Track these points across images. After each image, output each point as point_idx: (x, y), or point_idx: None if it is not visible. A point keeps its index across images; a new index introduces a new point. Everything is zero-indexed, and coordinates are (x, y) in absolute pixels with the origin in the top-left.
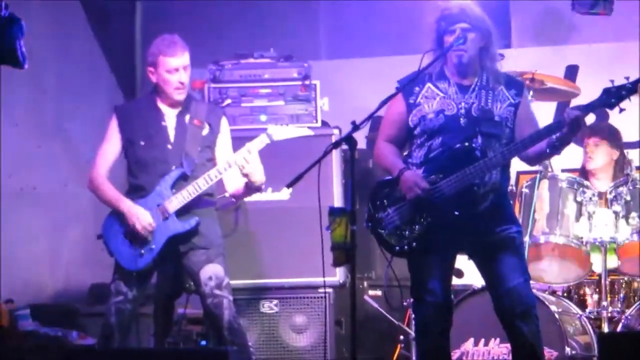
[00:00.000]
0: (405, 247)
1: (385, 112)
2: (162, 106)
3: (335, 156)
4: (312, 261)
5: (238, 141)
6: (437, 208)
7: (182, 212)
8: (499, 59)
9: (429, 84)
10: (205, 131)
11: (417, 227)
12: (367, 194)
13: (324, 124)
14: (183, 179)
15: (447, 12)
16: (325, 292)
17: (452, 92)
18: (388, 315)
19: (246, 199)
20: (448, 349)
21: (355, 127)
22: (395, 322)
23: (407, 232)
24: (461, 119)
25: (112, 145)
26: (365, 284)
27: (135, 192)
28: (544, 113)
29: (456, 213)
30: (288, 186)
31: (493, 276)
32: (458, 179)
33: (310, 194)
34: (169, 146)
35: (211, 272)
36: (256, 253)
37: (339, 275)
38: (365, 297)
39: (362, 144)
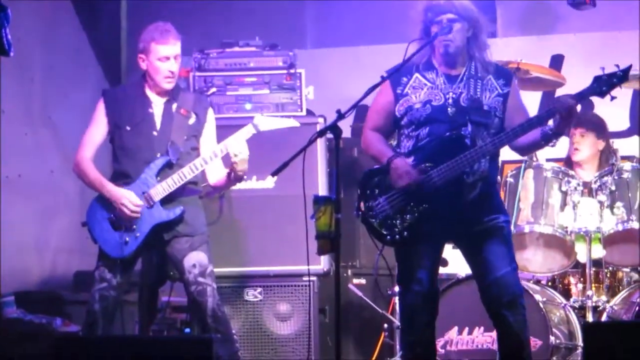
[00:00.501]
0: (397, 236)
1: (372, 101)
2: (150, 93)
3: (320, 145)
4: (296, 249)
5: (223, 129)
6: (428, 197)
7: (167, 200)
8: (488, 48)
9: (416, 74)
10: (192, 120)
11: (408, 216)
12: (353, 182)
13: (309, 112)
14: (168, 167)
15: (434, 3)
16: (309, 281)
17: (440, 82)
18: (372, 304)
19: (231, 187)
20: (433, 339)
21: (340, 115)
22: (379, 311)
23: (398, 222)
24: (449, 109)
25: (98, 129)
26: (350, 272)
27: (120, 178)
28: (529, 102)
29: (446, 201)
30: (273, 174)
31: (480, 265)
32: (449, 167)
33: (294, 183)
34: (155, 133)
35: (195, 259)
36: (240, 241)
37: (323, 263)
38: (350, 285)
39: (347, 132)
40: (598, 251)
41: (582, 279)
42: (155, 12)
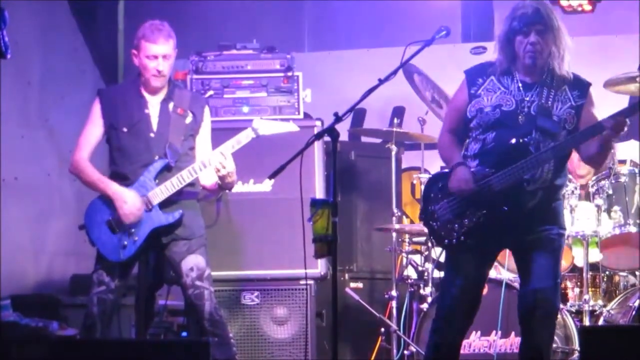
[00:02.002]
0: (454, 240)
1: (450, 99)
2: (145, 93)
3: (318, 148)
4: (293, 253)
5: (220, 132)
6: (486, 202)
7: (166, 203)
8: (566, 59)
9: (492, 77)
10: (189, 119)
11: (466, 221)
12: (350, 185)
13: (306, 115)
14: (167, 170)
15: (522, 12)
16: (306, 284)
17: (515, 88)
18: (369, 308)
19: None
20: (460, 345)
21: (338, 118)
22: (376, 315)
23: (456, 226)
24: (519, 116)
25: (95, 129)
26: (347, 276)
27: (118, 180)
28: None
29: (505, 209)
30: (270, 177)
31: (524, 273)
32: (508, 173)
33: (292, 186)
34: (152, 135)
35: (192, 263)
36: (237, 244)
37: (320, 267)
38: (347, 289)
39: (344, 136)
40: (595, 255)
41: (579, 283)
42: (153, 14)
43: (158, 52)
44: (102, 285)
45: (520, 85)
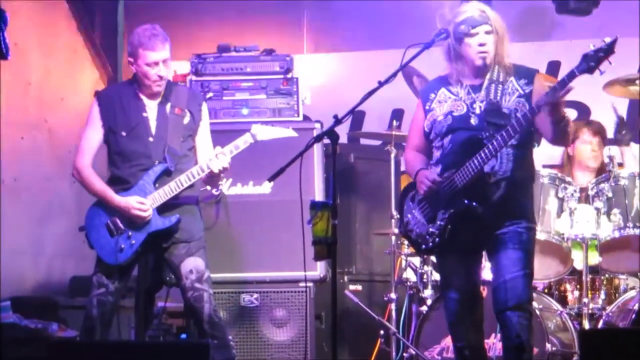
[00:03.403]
0: (430, 244)
1: (410, 122)
2: (143, 96)
3: (317, 150)
4: (293, 255)
5: (220, 134)
6: (454, 202)
7: (164, 208)
8: (509, 52)
9: (442, 89)
10: (187, 119)
11: (439, 223)
12: (349, 188)
13: (306, 118)
14: (166, 174)
15: (468, 15)
16: (306, 287)
17: (464, 93)
18: (368, 310)
19: (227, 193)
20: (481, 343)
21: (337, 121)
22: (376, 317)
23: (430, 230)
24: (471, 118)
25: (95, 133)
26: (346, 278)
27: (117, 183)
28: None
29: (475, 204)
30: (269, 180)
31: (495, 268)
32: (467, 168)
33: (291, 188)
34: (151, 139)
35: (192, 265)
36: (237, 246)
37: (319, 269)
38: (346, 291)
39: (343, 138)
40: (594, 258)
41: (578, 286)
42: (152, 14)
43: (158, 59)
44: (102, 287)
45: (469, 89)
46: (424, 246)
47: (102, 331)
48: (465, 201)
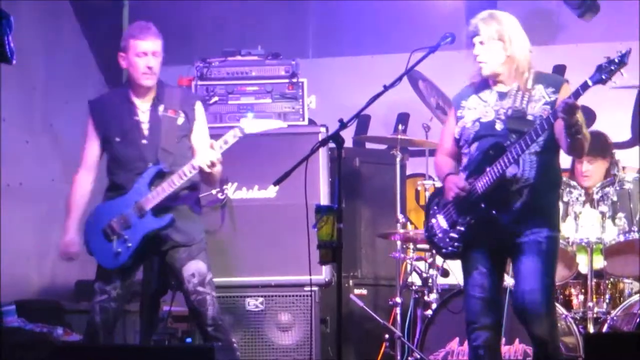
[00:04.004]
0: (450, 248)
1: (442, 127)
2: (135, 99)
3: (322, 154)
4: (298, 259)
5: None
6: (475, 208)
7: (160, 209)
8: (529, 61)
9: (473, 96)
10: (181, 120)
11: (459, 228)
12: (355, 192)
13: (311, 122)
14: (161, 176)
15: (470, 27)
16: (311, 291)
17: (492, 99)
18: (373, 314)
19: (232, 197)
20: (497, 344)
21: (343, 125)
22: (381, 321)
23: (452, 234)
24: (497, 125)
25: (92, 144)
26: (351, 282)
27: (115, 189)
28: None
29: (494, 212)
30: (275, 184)
31: (515, 276)
32: (487, 174)
33: (296, 192)
34: (144, 141)
35: (194, 269)
36: (242, 251)
37: (324, 273)
38: (351, 296)
39: (349, 142)
40: (599, 262)
41: (583, 290)
42: (157, 18)
43: (148, 49)
44: (104, 294)
45: (497, 95)
46: (444, 250)
47: (105, 337)
48: (483, 206)
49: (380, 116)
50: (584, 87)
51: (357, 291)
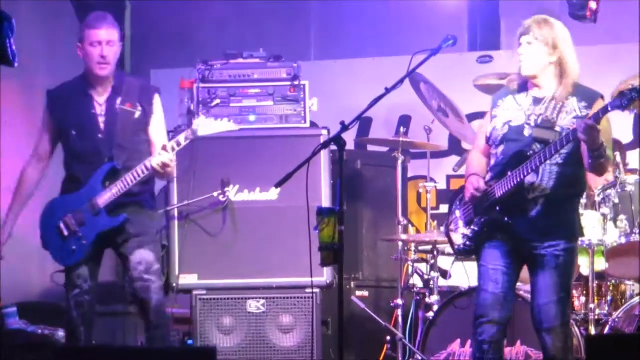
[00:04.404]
0: (462, 246)
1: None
2: (92, 91)
3: (324, 157)
4: (299, 261)
5: (225, 141)
6: (491, 210)
7: (114, 206)
8: (573, 72)
9: (510, 96)
10: (138, 114)
11: (473, 228)
12: (356, 194)
13: (313, 124)
14: (115, 172)
15: (522, 27)
16: (312, 292)
17: (527, 103)
18: (375, 316)
19: (234, 199)
20: (501, 342)
21: (344, 127)
22: (382, 323)
23: (467, 232)
24: (525, 130)
25: (45, 134)
26: (353, 284)
27: (71, 182)
28: None
29: (506, 219)
30: (277, 186)
31: (532, 288)
32: (508, 179)
33: (298, 194)
34: (100, 135)
35: (140, 257)
36: (243, 253)
37: (326, 275)
38: (352, 297)
39: (351, 144)
40: (601, 264)
41: (585, 292)
42: (159, 20)
43: (102, 38)
44: (76, 288)
45: (532, 100)
46: (456, 247)
47: (86, 331)
48: (498, 209)
49: (382, 119)
50: (604, 111)
51: (358, 293)
